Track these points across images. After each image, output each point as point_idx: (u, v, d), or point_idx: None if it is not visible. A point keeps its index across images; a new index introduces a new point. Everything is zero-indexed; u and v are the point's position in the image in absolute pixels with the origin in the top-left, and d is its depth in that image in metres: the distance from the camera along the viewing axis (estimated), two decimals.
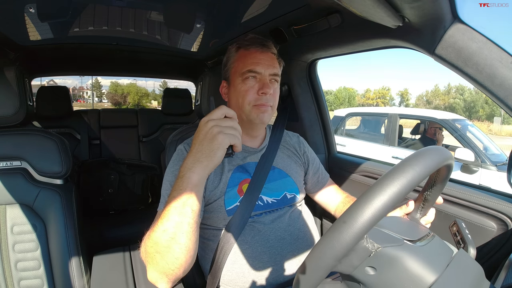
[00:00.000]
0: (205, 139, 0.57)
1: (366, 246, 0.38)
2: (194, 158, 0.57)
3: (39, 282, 0.92)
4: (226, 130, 0.57)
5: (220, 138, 0.56)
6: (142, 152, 2.26)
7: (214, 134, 0.56)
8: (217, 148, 0.56)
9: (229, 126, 0.58)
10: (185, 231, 0.56)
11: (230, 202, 0.79)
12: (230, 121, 0.58)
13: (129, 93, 34.15)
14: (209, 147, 0.56)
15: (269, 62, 0.83)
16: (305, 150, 1.00)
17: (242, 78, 0.82)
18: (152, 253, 0.58)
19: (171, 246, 0.56)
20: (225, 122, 0.58)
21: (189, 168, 0.57)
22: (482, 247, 0.77)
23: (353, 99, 43.48)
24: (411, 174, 0.36)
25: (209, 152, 0.56)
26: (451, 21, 0.62)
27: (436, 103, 41.55)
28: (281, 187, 0.87)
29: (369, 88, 50.14)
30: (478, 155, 3.03)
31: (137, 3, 1.18)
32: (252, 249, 0.78)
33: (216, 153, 0.56)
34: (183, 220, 0.56)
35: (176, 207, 0.56)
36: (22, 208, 0.92)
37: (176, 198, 0.56)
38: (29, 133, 0.97)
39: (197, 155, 0.57)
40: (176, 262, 0.57)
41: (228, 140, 0.57)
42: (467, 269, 0.42)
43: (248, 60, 0.82)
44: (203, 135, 0.57)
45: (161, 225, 0.56)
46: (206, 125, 0.57)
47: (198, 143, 0.57)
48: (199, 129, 0.58)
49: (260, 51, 0.83)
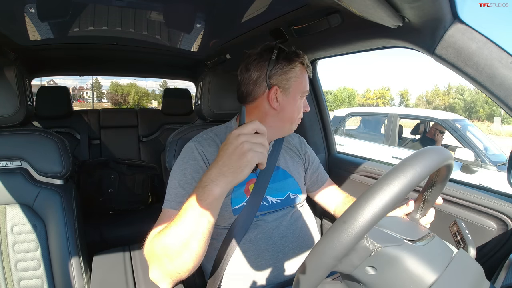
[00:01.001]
0: (234, 154, 0.54)
1: (367, 245, 0.38)
2: (220, 171, 0.55)
3: (39, 282, 0.92)
4: (257, 148, 0.55)
5: (250, 155, 0.54)
6: (142, 152, 2.26)
7: (244, 151, 0.54)
8: (245, 166, 0.54)
9: (260, 143, 0.56)
10: (199, 239, 0.56)
11: (236, 202, 0.80)
12: (261, 138, 0.56)
13: (129, 93, 34.15)
14: (237, 163, 0.54)
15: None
16: (306, 150, 1.01)
17: (302, 95, 0.86)
18: (160, 255, 0.58)
19: (182, 253, 0.56)
20: (256, 139, 0.55)
21: (213, 180, 0.55)
22: (482, 247, 0.77)
23: (353, 99, 43.47)
24: (411, 174, 0.36)
25: (236, 168, 0.54)
26: (451, 21, 0.63)
27: (436, 103, 41.55)
28: (284, 187, 0.88)
29: (369, 88, 50.20)
30: (478, 155, 3.03)
31: (137, 3, 1.18)
32: (255, 247, 0.79)
33: (243, 170, 0.55)
34: (198, 230, 0.55)
35: (193, 216, 0.55)
36: (22, 208, 0.92)
37: (194, 207, 0.55)
38: (29, 133, 0.97)
39: (223, 168, 0.55)
40: (184, 267, 0.57)
41: (257, 159, 0.55)
42: (467, 269, 0.42)
43: (305, 80, 0.86)
44: (232, 149, 0.55)
45: (174, 231, 0.56)
46: (237, 139, 0.55)
47: (227, 156, 0.55)
48: (229, 141, 0.56)
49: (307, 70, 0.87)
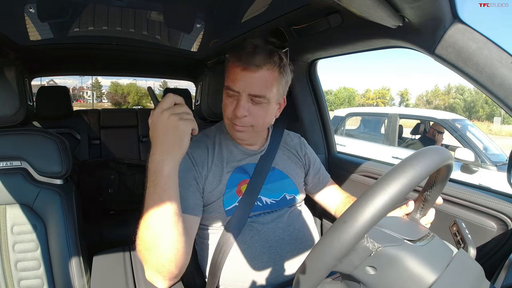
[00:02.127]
0: (167, 129, 0.56)
1: (367, 245, 0.38)
2: (162, 151, 0.57)
3: (39, 282, 0.92)
4: (184, 116, 0.57)
5: (182, 125, 0.56)
6: (142, 152, 2.26)
7: (175, 124, 0.56)
8: (182, 136, 0.57)
9: (184, 111, 0.57)
10: (168, 223, 0.57)
11: (228, 203, 0.79)
12: (183, 107, 0.58)
13: (129, 93, 34.16)
14: (175, 136, 0.56)
15: (250, 80, 0.73)
16: (306, 151, 0.99)
17: (225, 91, 0.78)
18: (141, 250, 0.59)
19: (157, 242, 0.57)
20: (179, 109, 0.57)
21: (159, 161, 0.57)
22: (482, 247, 0.77)
23: (353, 99, 43.49)
24: (411, 173, 0.36)
25: (176, 141, 0.57)
26: (451, 21, 0.62)
27: (436, 103, 41.56)
28: (280, 188, 0.87)
29: (369, 88, 50.17)
30: (478, 155, 3.03)
31: (137, 3, 1.18)
32: (251, 249, 0.78)
33: (183, 140, 0.57)
34: (163, 213, 0.57)
35: (155, 202, 0.57)
36: (22, 208, 0.92)
37: (153, 193, 0.57)
38: (29, 133, 0.97)
39: (164, 146, 0.57)
40: (166, 257, 0.58)
41: (190, 125, 0.57)
42: (467, 269, 0.42)
43: (230, 75, 0.76)
44: (162, 126, 0.56)
45: (143, 222, 0.58)
46: (162, 115, 0.56)
47: (161, 134, 0.57)
48: (155, 120, 0.57)
49: (241, 67, 0.74)
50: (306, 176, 0.98)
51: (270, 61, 0.74)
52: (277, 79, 0.76)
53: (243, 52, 0.73)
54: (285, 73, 0.78)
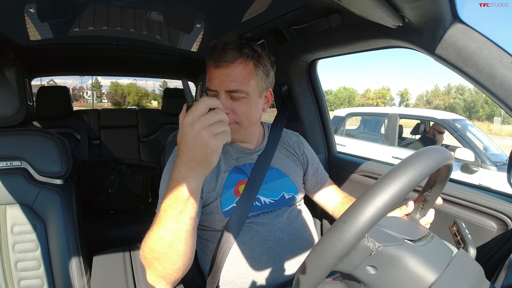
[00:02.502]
0: (195, 145, 0.50)
1: (367, 245, 0.38)
2: (187, 167, 0.52)
3: (39, 282, 0.92)
4: (216, 130, 0.50)
5: (212, 143, 0.50)
6: (142, 152, 2.26)
7: (205, 140, 0.49)
8: (211, 154, 0.51)
9: (218, 120, 0.51)
10: (183, 238, 0.55)
11: (226, 203, 0.79)
12: (217, 115, 0.51)
13: (129, 93, 34.19)
14: (203, 155, 0.50)
15: (225, 77, 0.72)
16: (304, 150, 0.98)
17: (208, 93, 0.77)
18: (149, 258, 0.58)
19: (168, 253, 0.55)
20: (213, 118, 0.50)
21: (184, 177, 0.52)
22: (482, 247, 0.77)
23: (353, 99, 43.52)
24: (411, 173, 0.36)
25: (203, 160, 0.51)
26: (451, 21, 0.63)
27: (436, 103, 41.58)
28: (279, 187, 0.87)
29: (369, 88, 50.26)
30: (478, 155, 3.04)
31: (137, 3, 1.18)
32: (250, 250, 0.78)
33: (212, 159, 0.51)
34: (181, 228, 0.54)
35: (173, 216, 0.53)
36: (22, 208, 0.92)
37: (172, 206, 0.53)
38: (29, 133, 0.97)
39: (190, 164, 0.52)
40: (174, 267, 0.57)
41: (221, 143, 0.51)
42: (467, 269, 0.42)
43: (208, 76, 0.76)
44: (191, 141, 0.50)
45: (157, 232, 0.55)
46: (192, 128, 0.49)
47: (189, 150, 0.51)
48: (184, 132, 0.50)
49: (213, 66, 0.74)
50: (305, 175, 0.98)
51: (241, 55, 0.73)
52: (253, 71, 0.75)
53: (214, 52, 0.73)
54: (262, 64, 0.76)
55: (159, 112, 2.41)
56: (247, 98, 0.75)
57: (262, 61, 0.77)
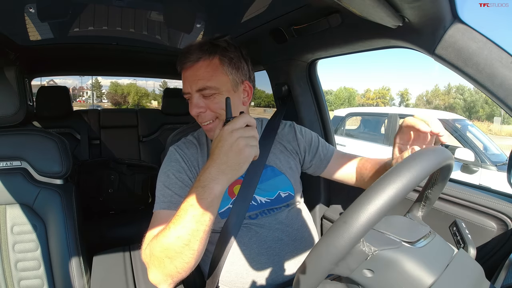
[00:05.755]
0: (231, 151, 0.54)
1: (363, 249, 0.38)
2: (219, 170, 0.55)
3: (39, 282, 0.92)
4: (251, 142, 0.55)
5: (247, 151, 0.55)
6: (142, 152, 2.26)
7: (240, 148, 0.54)
8: (243, 162, 0.55)
9: (252, 136, 0.56)
10: (200, 237, 0.56)
11: (222, 205, 0.79)
12: (253, 131, 0.56)
13: (129, 93, 34.20)
14: (236, 160, 0.55)
15: (193, 78, 0.75)
16: (297, 137, 0.94)
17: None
18: (161, 257, 0.57)
19: (183, 252, 0.56)
20: (249, 132, 0.56)
21: (213, 179, 0.55)
22: (482, 247, 0.77)
23: (353, 99, 43.54)
24: (411, 173, 0.36)
25: (235, 165, 0.55)
26: (451, 21, 0.62)
27: (436, 103, 41.59)
28: (274, 186, 0.86)
29: (369, 88, 50.26)
30: (478, 155, 3.04)
31: (137, 3, 1.18)
32: (249, 250, 0.78)
33: (242, 166, 0.56)
34: (200, 228, 0.55)
35: (194, 215, 0.55)
36: (22, 208, 0.92)
37: (195, 206, 0.55)
38: (29, 133, 0.97)
39: (222, 166, 0.55)
40: (186, 266, 0.57)
41: (254, 153, 0.56)
42: (467, 269, 0.42)
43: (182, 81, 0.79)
44: (228, 146, 0.55)
45: (174, 231, 0.56)
46: (231, 136, 0.55)
47: (223, 154, 0.55)
48: (223, 138, 0.55)
49: (182, 70, 0.78)
50: (304, 164, 0.95)
51: (204, 53, 0.75)
52: (219, 66, 0.76)
53: (180, 56, 0.76)
54: (228, 57, 0.77)
55: (159, 112, 2.41)
56: (219, 94, 0.76)
57: (228, 55, 0.77)
